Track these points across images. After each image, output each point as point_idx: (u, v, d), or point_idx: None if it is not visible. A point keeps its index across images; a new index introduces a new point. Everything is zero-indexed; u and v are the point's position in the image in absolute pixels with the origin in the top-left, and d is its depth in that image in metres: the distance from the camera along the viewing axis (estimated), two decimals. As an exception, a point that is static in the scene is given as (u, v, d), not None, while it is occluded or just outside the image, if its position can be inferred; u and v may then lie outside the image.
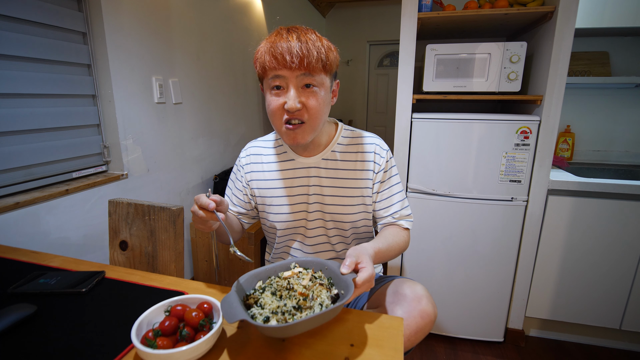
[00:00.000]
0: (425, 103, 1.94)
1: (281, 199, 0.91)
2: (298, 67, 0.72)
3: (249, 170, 0.94)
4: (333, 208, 0.89)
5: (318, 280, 0.63)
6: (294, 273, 0.65)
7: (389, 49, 4.70)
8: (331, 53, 0.77)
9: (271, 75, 0.75)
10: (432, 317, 0.74)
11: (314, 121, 0.78)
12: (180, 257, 0.97)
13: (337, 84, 0.86)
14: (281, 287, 0.62)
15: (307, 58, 0.72)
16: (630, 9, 1.56)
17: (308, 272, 0.65)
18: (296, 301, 0.58)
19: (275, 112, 0.78)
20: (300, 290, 0.60)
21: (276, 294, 0.61)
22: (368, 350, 0.55)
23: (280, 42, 0.73)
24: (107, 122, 1.45)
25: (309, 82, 0.75)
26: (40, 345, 0.55)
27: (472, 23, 1.54)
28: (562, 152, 1.88)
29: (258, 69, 0.78)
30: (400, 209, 0.92)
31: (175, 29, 1.77)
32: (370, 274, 0.63)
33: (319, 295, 0.59)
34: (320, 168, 0.89)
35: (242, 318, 0.51)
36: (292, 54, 0.71)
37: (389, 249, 0.81)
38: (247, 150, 0.96)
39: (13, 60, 1.12)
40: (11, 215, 1.09)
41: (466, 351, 1.64)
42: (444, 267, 1.64)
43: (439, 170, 1.54)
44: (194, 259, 2.02)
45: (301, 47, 0.72)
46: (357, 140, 0.91)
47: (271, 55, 0.73)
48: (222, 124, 2.27)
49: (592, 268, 1.54)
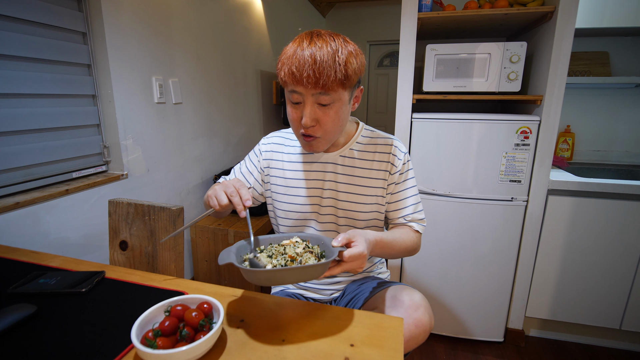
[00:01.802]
0: (425, 103, 1.94)
1: (296, 189, 0.92)
2: (314, 86, 0.71)
3: (268, 158, 0.95)
4: (347, 204, 0.90)
5: (309, 249, 0.68)
6: (291, 242, 0.71)
7: (389, 49, 4.70)
8: (351, 65, 0.73)
9: (289, 88, 0.75)
10: (427, 327, 0.74)
11: (328, 135, 0.79)
12: (180, 257, 0.97)
13: (360, 90, 0.84)
14: (277, 252, 0.67)
15: (323, 79, 0.70)
16: (630, 9, 1.56)
17: (303, 243, 0.71)
18: (285, 261, 0.64)
19: (293, 123, 0.80)
20: (291, 254, 0.66)
21: (272, 257, 0.66)
22: (368, 350, 0.55)
23: (300, 54, 0.71)
24: (107, 122, 1.45)
25: (325, 101, 0.74)
26: (41, 345, 0.55)
27: (472, 23, 1.54)
28: (562, 152, 1.88)
29: (279, 78, 0.78)
30: (413, 212, 0.91)
31: (175, 29, 1.77)
32: (361, 251, 0.63)
33: (307, 261, 0.64)
34: (337, 164, 0.90)
35: (229, 261, 0.59)
36: (309, 73, 0.69)
37: (393, 242, 0.80)
38: (270, 139, 0.97)
39: (13, 60, 1.12)
40: (11, 215, 1.09)
41: (466, 351, 1.64)
42: (444, 266, 1.64)
43: (439, 170, 1.54)
44: (194, 259, 2.02)
45: (317, 66, 0.69)
46: (376, 141, 0.91)
47: (289, 70, 0.72)
48: (222, 124, 2.27)
49: (592, 268, 1.54)
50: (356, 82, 0.77)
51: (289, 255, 0.65)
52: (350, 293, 0.93)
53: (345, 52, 0.72)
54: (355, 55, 0.74)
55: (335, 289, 0.97)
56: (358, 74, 0.76)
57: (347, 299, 0.93)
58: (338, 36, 0.74)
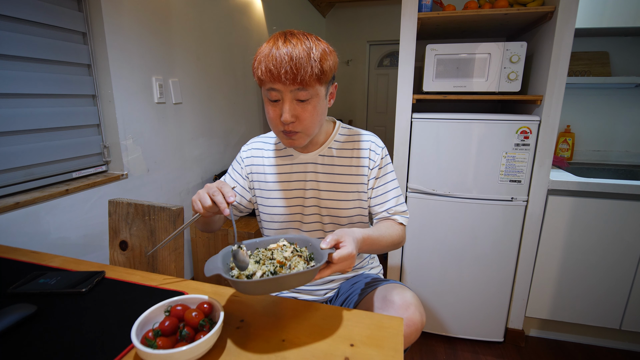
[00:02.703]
0: (425, 103, 1.94)
1: (278, 192, 0.93)
2: (292, 82, 0.72)
3: (249, 164, 0.96)
4: (329, 203, 0.91)
5: (297, 254, 0.67)
6: (278, 245, 0.69)
7: (389, 49, 4.70)
8: (326, 62, 0.75)
9: (267, 87, 0.76)
10: (419, 325, 0.75)
11: (308, 130, 0.81)
12: (180, 257, 0.97)
13: (334, 87, 0.86)
14: (265, 257, 0.66)
15: (300, 74, 0.72)
16: (630, 9, 1.56)
17: (291, 246, 0.69)
18: (274, 268, 0.62)
19: (272, 121, 0.81)
20: (280, 259, 0.64)
21: (259, 263, 0.64)
22: (368, 350, 0.55)
23: (276, 53, 0.72)
24: (107, 122, 1.45)
25: (303, 96, 0.76)
26: (40, 345, 0.55)
27: (472, 23, 1.54)
28: (562, 152, 1.88)
29: (255, 78, 0.78)
30: (395, 204, 0.92)
31: (175, 29, 1.77)
32: (349, 251, 0.64)
33: (296, 266, 0.63)
34: (317, 164, 0.91)
35: (217, 272, 0.57)
36: (286, 69, 0.71)
37: (379, 238, 0.81)
38: (249, 145, 0.99)
39: (13, 60, 1.12)
40: (11, 215, 1.09)
41: (466, 351, 1.64)
42: (443, 266, 1.64)
43: (439, 170, 1.54)
44: (194, 259, 2.02)
45: (295, 62, 0.71)
46: (353, 138, 0.93)
47: (266, 68, 0.73)
48: (222, 124, 2.27)
49: (592, 268, 1.54)
50: (331, 77, 0.80)
51: (277, 260, 0.64)
52: (345, 293, 0.94)
53: (319, 49, 0.74)
54: (329, 53, 0.77)
55: (329, 288, 0.97)
56: (333, 70, 0.79)
57: (342, 299, 0.93)
58: (311, 35, 0.77)
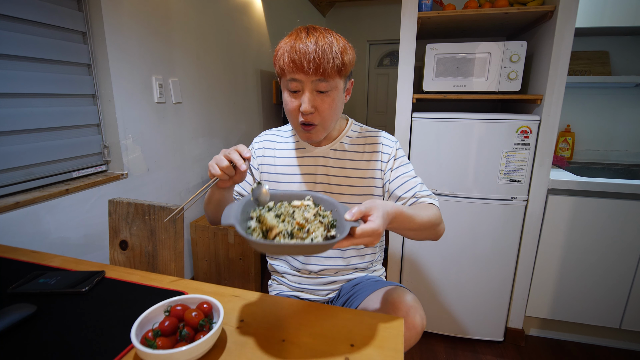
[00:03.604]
0: (425, 102, 1.94)
1: (287, 184, 0.93)
2: (314, 72, 0.75)
3: (261, 155, 0.97)
4: (338, 197, 0.91)
5: (319, 218, 0.62)
6: (302, 204, 0.65)
7: (389, 48, 4.69)
8: (347, 56, 0.78)
9: (288, 77, 0.78)
10: (419, 328, 0.75)
11: (326, 123, 0.83)
12: (180, 257, 0.97)
13: (351, 83, 0.89)
14: (287, 213, 0.63)
15: (323, 65, 0.74)
16: (630, 9, 1.56)
17: (315, 208, 0.65)
18: (291, 229, 0.59)
19: (291, 112, 0.83)
20: (299, 220, 0.60)
21: (280, 217, 0.62)
22: (368, 350, 0.55)
23: (299, 44, 0.75)
24: (107, 121, 1.45)
25: (323, 88, 0.78)
26: (40, 345, 0.55)
27: (472, 22, 1.54)
28: (562, 152, 1.88)
29: (277, 69, 0.80)
30: (421, 190, 0.88)
31: (175, 28, 1.77)
32: (374, 228, 0.57)
33: (315, 231, 0.59)
34: (329, 158, 0.92)
35: (232, 224, 0.54)
36: (309, 60, 0.74)
37: (414, 215, 0.72)
38: (262, 137, 1.00)
39: (13, 60, 1.12)
40: (11, 215, 1.09)
41: (466, 351, 1.64)
42: (443, 266, 1.64)
43: (439, 170, 1.54)
44: (194, 259, 2.02)
45: (318, 53, 0.74)
46: (365, 134, 0.95)
47: (289, 58, 0.75)
48: (222, 124, 2.27)
49: (592, 268, 1.54)
50: (349, 72, 0.83)
51: (296, 222, 0.60)
52: (346, 294, 0.93)
53: (340, 43, 0.78)
54: (348, 48, 0.80)
55: (330, 289, 0.97)
56: (351, 65, 0.82)
57: (343, 300, 0.93)
58: (331, 31, 0.80)
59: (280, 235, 0.58)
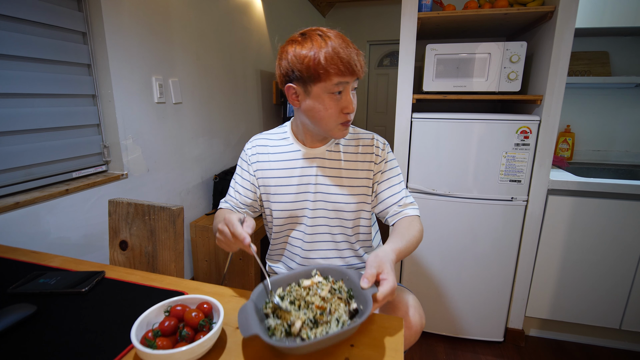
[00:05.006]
0: (425, 103, 1.94)
1: (285, 187, 0.94)
2: (360, 72, 0.80)
3: (255, 160, 0.97)
4: (336, 197, 0.92)
5: (337, 294, 0.62)
6: (313, 283, 0.65)
7: (389, 48, 4.69)
8: None
9: (336, 81, 0.78)
10: (418, 328, 0.76)
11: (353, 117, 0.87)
12: (180, 257, 0.97)
13: None
14: (300, 297, 0.62)
15: (360, 64, 0.79)
16: (630, 9, 1.56)
17: (328, 283, 0.64)
18: (313, 315, 0.58)
19: (332, 115, 0.82)
20: (318, 303, 0.60)
21: (294, 303, 0.61)
22: (368, 350, 0.55)
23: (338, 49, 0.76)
24: (107, 122, 1.45)
25: (356, 85, 0.84)
26: (40, 345, 0.55)
27: (472, 23, 1.54)
28: (562, 152, 1.88)
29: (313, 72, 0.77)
30: (405, 195, 0.95)
31: (175, 28, 1.77)
32: (392, 286, 0.61)
33: (337, 309, 0.59)
34: (325, 159, 0.93)
35: (255, 333, 0.50)
36: (357, 63, 0.78)
37: (408, 245, 0.80)
38: (253, 142, 0.99)
39: (13, 60, 1.12)
40: (11, 215, 1.09)
41: (466, 351, 1.64)
42: (443, 266, 1.64)
43: (439, 170, 1.54)
44: (194, 259, 2.02)
45: (359, 56, 0.79)
46: (357, 136, 0.97)
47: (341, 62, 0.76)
48: (222, 124, 2.27)
49: (592, 268, 1.54)
50: None
51: (316, 306, 0.59)
52: None
53: None
54: None
55: None
56: None
57: None
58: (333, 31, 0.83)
59: (305, 326, 0.56)
